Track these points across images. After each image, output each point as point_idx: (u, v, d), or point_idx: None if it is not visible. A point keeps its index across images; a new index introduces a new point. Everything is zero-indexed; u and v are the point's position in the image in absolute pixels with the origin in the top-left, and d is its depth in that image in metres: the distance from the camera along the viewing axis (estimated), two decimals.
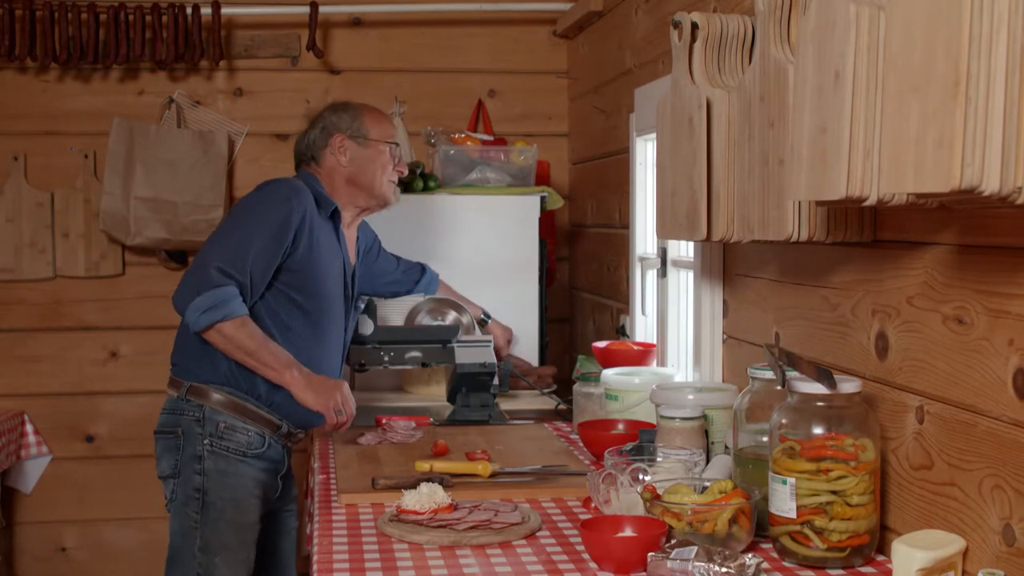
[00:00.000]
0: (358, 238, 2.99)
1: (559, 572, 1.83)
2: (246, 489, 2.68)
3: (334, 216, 2.81)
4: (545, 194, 3.73)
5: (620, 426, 2.64)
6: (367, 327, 3.10)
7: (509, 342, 3.40)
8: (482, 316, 3.37)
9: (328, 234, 2.79)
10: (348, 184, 2.83)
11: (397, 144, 2.89)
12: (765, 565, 1.75)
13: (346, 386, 2.71)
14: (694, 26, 2.18)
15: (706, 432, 2.26)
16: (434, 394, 3.39)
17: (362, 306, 3.09)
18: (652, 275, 3.27)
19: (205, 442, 2.66)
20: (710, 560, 1.64)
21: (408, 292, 3.30)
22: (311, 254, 2.70)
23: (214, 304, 2.56)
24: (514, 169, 3.80)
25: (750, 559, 1.66)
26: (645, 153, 3.35)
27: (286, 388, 2.65)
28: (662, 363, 3.08)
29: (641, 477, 2.07)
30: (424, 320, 3.43)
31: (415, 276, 3.32)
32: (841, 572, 1.79)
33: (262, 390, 2.68)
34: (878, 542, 1.83)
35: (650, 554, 1.71)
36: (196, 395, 2.69)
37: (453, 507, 2.09)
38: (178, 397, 2.71)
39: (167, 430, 2.71)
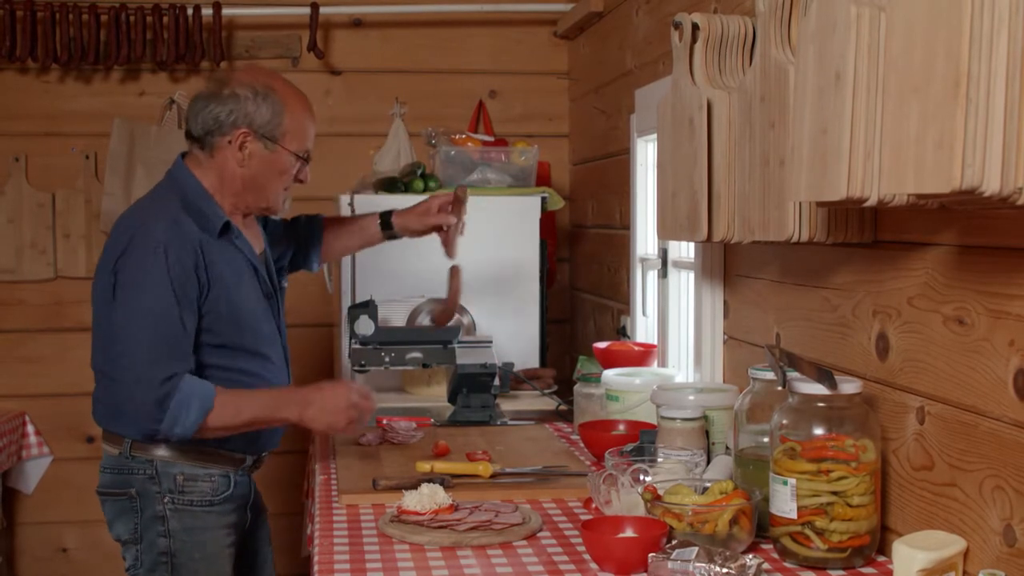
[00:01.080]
0: (257, 220, 2.60)
1: (560, 573, 1.83)
2: (217, 541, 2.41)
3: (225, 230, 2.40)
4: (546, 195, 3.73)
5: (621, 427, 2.64)
6: (368, 328, 3.10)
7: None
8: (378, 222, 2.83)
9: (225, 253, 2.40)
10: (241, 188, 2.41)
11: (308, 158, 2.46)
12: (766, 566, 1.75)
13: (347, 386, 2.43)
14: (695, 27, 2.18)
15: (707, 433, 2.26)
16: (435, 395, 3.39)
17: (284, 284, 2.70)
18: (653, 276, 3.27)
19: (165, 500, 2.36)
20: (711, 561, 1.64)
21: (304, 255, 2.82)
22: (221, 294, 2.35)
23: (185, 409, 2.25)
24: (515, 170, 3.80)
25: (751, 560, 1.66)
26: (646, 154, 3.35)
27: (302, 424, 2.40)
28: (663, 364, 3.08)
29: (642, 478, 2.07)
30: (425, 321, 3.43)
31: (297, 231, 2.81)
32: (842, 573, 1.79)
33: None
34: (879, 543, 1.83)
35: (651, 555, 1.71)
36: (141, 451, 2.36)
37: (454, 508, 2.09)
38: (120, 454, 2.37)
39: (117, 492, 2.40)
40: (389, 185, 3.68)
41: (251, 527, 2.58)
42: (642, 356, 3.08)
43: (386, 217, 2.81)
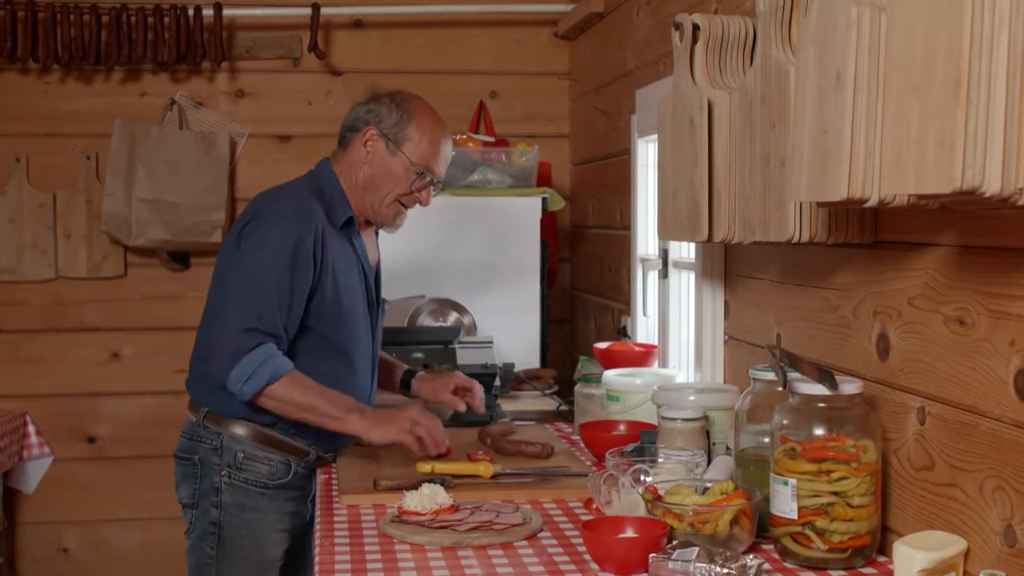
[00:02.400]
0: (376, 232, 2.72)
1: (560, 573, 1.83)
2: (267, 524, 2.50)
3: (347, 225, 2.55)
4: (546, 195, 3.73)
5: (621, 427, 2.64)
6: None
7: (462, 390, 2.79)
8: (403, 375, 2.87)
9: (342, 246, 2.52)
10: (362, 186, 2.54)
11: (428, 176, 2.53)
12: (766, 566, 1.75)
13: (415, 409, 2.45)
14: (695, 27, 2.18)
15: (707, 433, 2.26)
16: None
17: (386, 306, 2.82)
18: (653, 276, 3.28)
19: (223, 473, 2.47)
20: (711, 561, 1.65)
21: None
22: (328, 279, 2.46)
23: (255, 370, 2.32)
24: (515, 170, 3.80)
25: (751, 560, 1.66)
26: (646, 154, 3.35)
27: (360, 437, 2.44)
28: (663, 364, 3.08)
29: (642, 478, 2.07)
30: (426, 321, 3.43)
31: None
32: (842, 573, 1.79)
33: (286, 420, 2.45)
34: (879, 543, 1.83)
35: (651, 555, 1.71)
36: (214, 423, 2.49)
37: (454, 508, 2.09)
38: (195, 423, 2.52)
39: (185, 456, 2.53)
40: None
41: (312, 520, 2.56)
42: (643, 356, 3.08)
43: (407, 377, 2.85)
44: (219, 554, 2.49)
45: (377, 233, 2.73)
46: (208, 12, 4.08)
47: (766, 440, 1.92)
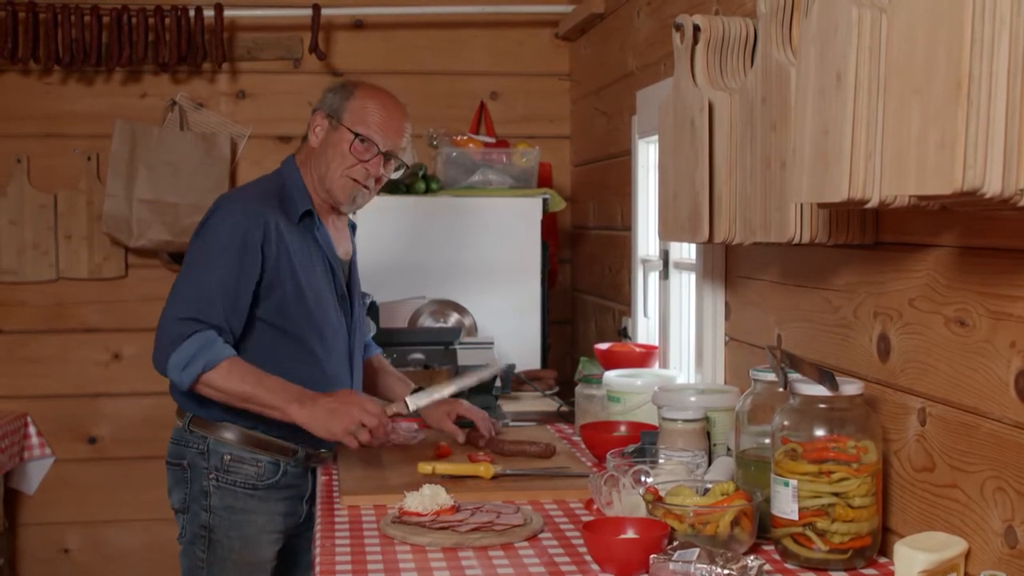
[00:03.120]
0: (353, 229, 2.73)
1: (561, 574, 1.83)
2: (257, 526, 2.50)
3: (306, 217, 2.52)
4: (547, 196, 3.73)
5: (622, 428, 2.65)
6: (369, 329, 3.10)
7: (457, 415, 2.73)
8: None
9: (302, 239, 2.49)
10: (313, 165, 2.54)
11: (370, 144, 2.49)
12: (767, 567, 1.75)
13: (358, 397, 2.40)
14: (696, 28, 2.18)
15: (708, 434, 2.26)
16: None
17: (368, 299, 2.84)
18: (654, 277, 3.28)
19: (211, 477, 2.48)
20: (712, 562, 1.65)
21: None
22: (286, 274, 2.44)
23: (191, 356, 2.31)
24: (516, 171, 3.80)
25: (752, 561, 1.66)
26: (647, 155, 3.35)
27: (302, 426, 2.36)
28: (664, 365, 3.08)
29: (643, 479, 2.07)
30: (426, 322, 3.43)
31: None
32: (843, 574, 1.79)
33: (268, 420, 2.42)
34: (880, 544, 1.83)
35: (652, 556, 1.71)
36: (199, 426, 2.50)
37: (455, 509, 2.09)
38: (182, 428, 2.53)
39: (175, 461, 2.55)
40: (391, 186, 3.68)
41: (307, 521, 2.59)
42: (643, 357, 3.08)
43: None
44: (210, 557, 2.50)
45: (354, 231, 2.73)
46: (209, 13, 4.08)
47: (767, 441, 1.92)
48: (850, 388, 1.80)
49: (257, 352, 2.44)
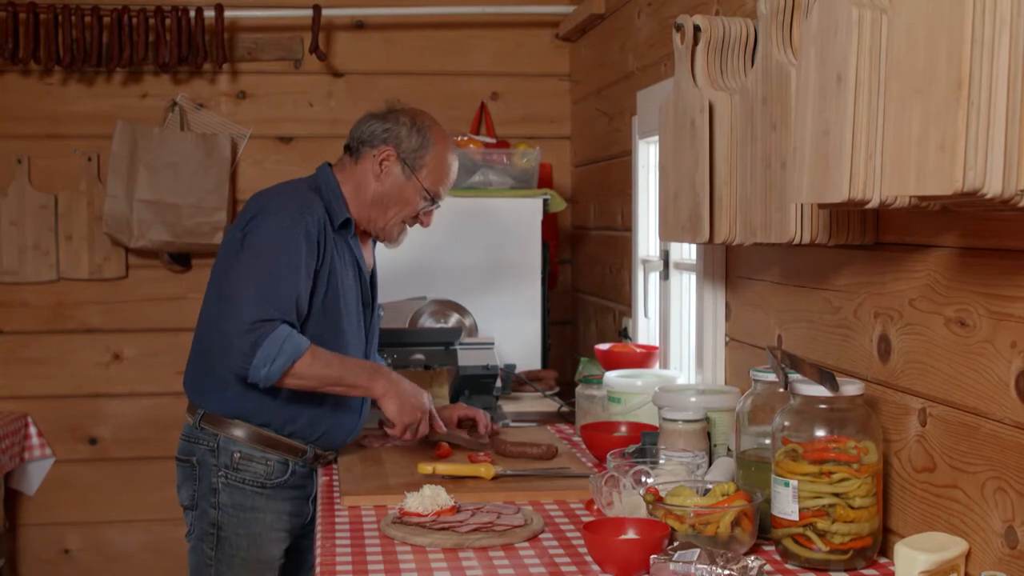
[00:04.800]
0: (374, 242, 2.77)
1: (562, 574, 1.83)
2: (265, 524, 2.52)
3: (343, 226, 2.57)
4: (548, 197, 3.73)
5: (622, 428, 2.65)
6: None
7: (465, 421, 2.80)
8: None
9: (339, 244, 2.56)
10: (369, 201, 2.58)
11: (437, 204, 2.62)
12: (768, 567, 1.75)
13: (430, 409, 2.53)
14: (696, 29, 2.18)
15: (708, 434, 2.26)
16: (437, 396, 3.39)
17: (382, 312, 2.87)
18: (654, 277, 3.28)
19: (220, 474, 2.50)
20: (712, 562, 1.65)
21: None
22: (325, 274, 2.49)
23: (276, 352, 2.34)
24: (517, 172, 3.80)
25: (752, 561, 1.66)
26: (647, 156, 3.35)
27: (378, 400, 2.48)
28: (664, 365, 3.08)
29: (643, 479, 2.07)
30: (427, 322, 3.43)
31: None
32: (843, 574, 1.79)
33: (279, 419, 2.50)
34: (880, 544, 1.83)
35: (652, 556, 1.71)
36: (210, 424, 2.52)
37: (456, 509, 2.09)
38: (193, 425, 2.55)
39: (184, 458, 2.57)
40: None
41: (312, 520, 2.59)
42: (644, 358, 3.08)
43: None
44: (218, 554, 2.51)
45: (374, 243, 2.75)
46: (209, 13, 4.08)
47: (767, 441, 1.92)
48: (850, 389, 1.80)
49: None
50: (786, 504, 1.80)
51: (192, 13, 4.06)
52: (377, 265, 3.53)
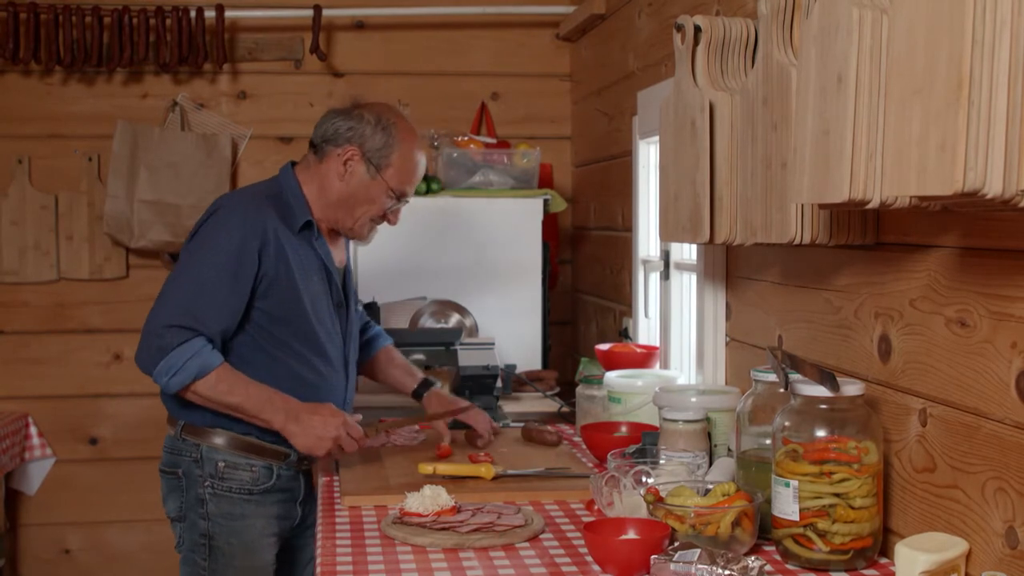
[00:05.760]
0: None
1: (562, 575, 1.83)
2: (256, 530, 2.50)
3: (306, 228, 2.50)
4: (548, 197, 3.73)
5: (623, 429, 2.65)
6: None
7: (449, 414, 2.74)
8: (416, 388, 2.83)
9: (302, 248, 2.48)
10: (335, 201, 2.53)
11: (404, 202, 2.58)
12: (768, 568, 1.75)
13: (344, 418, 2.42)
14: (697, 29, 2.18)
15: (709, 435, 2.26)
16: None
17: (361, 308, 2.84)
18: (655, 278, 3.28)
19: (206, 484, 2.47)
20: (713, 563, 1.65)
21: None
22: (282, 280, 2.43)
23: (181, 364, 2.31)
24: (517, 172, 3.80)
25: (753, 562, 1.66)
26: (648, 156, 3.35)
27: (282, 434, 2.41)
28: (665, 366, 3.08)
29: (644, 480, 2.07)
30: (427, 323, 3.43)
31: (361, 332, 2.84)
32: (844, 575, 1.79)
33: (258, 426, 2.44)
34: (881, 545, 1.83)
35: (653, 557, 1.71)
36: (192, 434, 2.48)
37: (456, 510, 2.09)
38: (174, 436, 2.51)
39: (169, 470, 2.54)
40: None
41: (302, 522, 2.62)
42: (644, 358, 3.08)
43: (421, 389, 2.82)
44: (212, 564, 2.49)
45: (348, 241, 2.71)
46: (210, 14, 4.08)
47: (768, 442, 1.92)
48: (851, 389, 1.80)
49: (252, 353, 2.44)
50: (787, 504, 1.80)
51: (193, 13, 4.07)
52: (377, 265, 3.54)
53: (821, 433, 1.80)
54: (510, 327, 3.58)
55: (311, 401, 2.45)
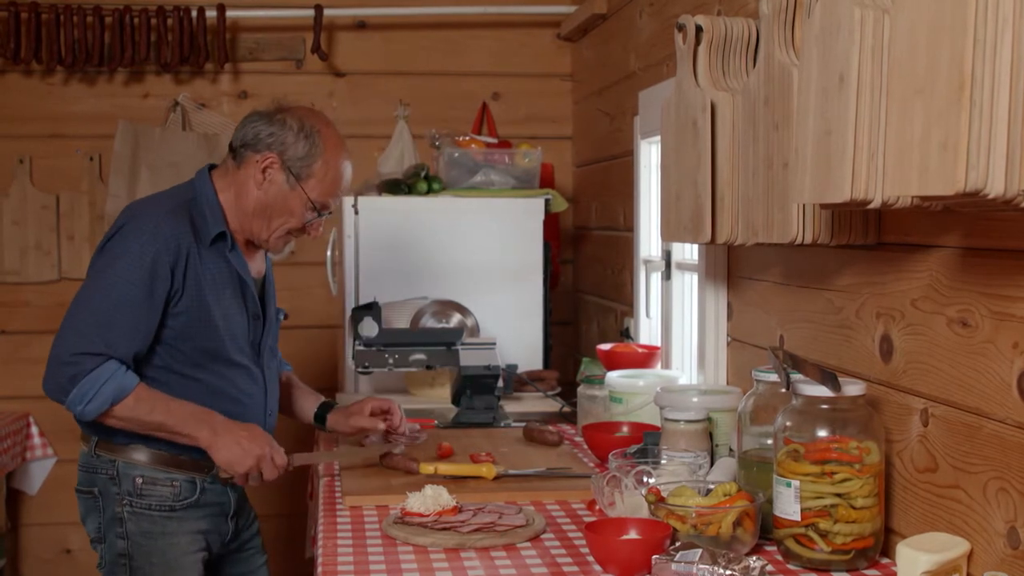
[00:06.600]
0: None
1: (563, 575, 1.83)
2: (179, 548, 2.37)
3: (219, 239, 2.37)
4: (549, 197, 3.73)
5: (624, 428, 2.65)
6: (372, 330, 3.10)
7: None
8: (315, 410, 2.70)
9: (214, 261, 2.35)
10: (251, 210, 2.38)
11: (327, 215, 2.42)
12: (769, 568, 1.75)
13: (269, 443, 2.33)
14: (698, 29, 2.18)
15: (710, 435, 2.26)
16: (438, 397, 3.39)
17: (282, 317, 2.63)
18: (656, 278, 3.27)
19: (124, 502, 2.35)
20: (714, 563, 1.65)
21: None
22: (193, 297, 2.31)
23: (96, 391, 2.22)
24: (518, 172, 3.80)
25: (754, 562, 1.66)
26: (649, 156, 3.35)
27: (206, 449, 2.30)
28: (666, 366, 3.08)
29: (645, 479, 2.07)
30: (428, 322, 3.43)
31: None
32: (845, 575, 1.79)
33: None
34: (882, 545, 1.83)
35: (654, 557, 1.71)
36: (107, 450, 2.38)
37: (457, 509, 2.09)
38: (88, 453, 2.41)
39: (85, 490, 2.44)
40: (393, 187, 3.69)
41: (235, 537, 2.54)
42: (646, 358, 3.08)
43: (322, 411, 2.69)
44: None
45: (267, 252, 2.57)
46: (211, 13, 4.08)
47: (769, 442, 1.92)
48: (852, 389, 1.80)
49: (165, 369, 2.35)
50: (788, 504, 1.80)
51: (194, 13, 4.07)
52: (378, 265, 3.54)
53: (823, 433, 1.80)
54: (511, 327, 3.57)
55: (231, 415, 2.35)
